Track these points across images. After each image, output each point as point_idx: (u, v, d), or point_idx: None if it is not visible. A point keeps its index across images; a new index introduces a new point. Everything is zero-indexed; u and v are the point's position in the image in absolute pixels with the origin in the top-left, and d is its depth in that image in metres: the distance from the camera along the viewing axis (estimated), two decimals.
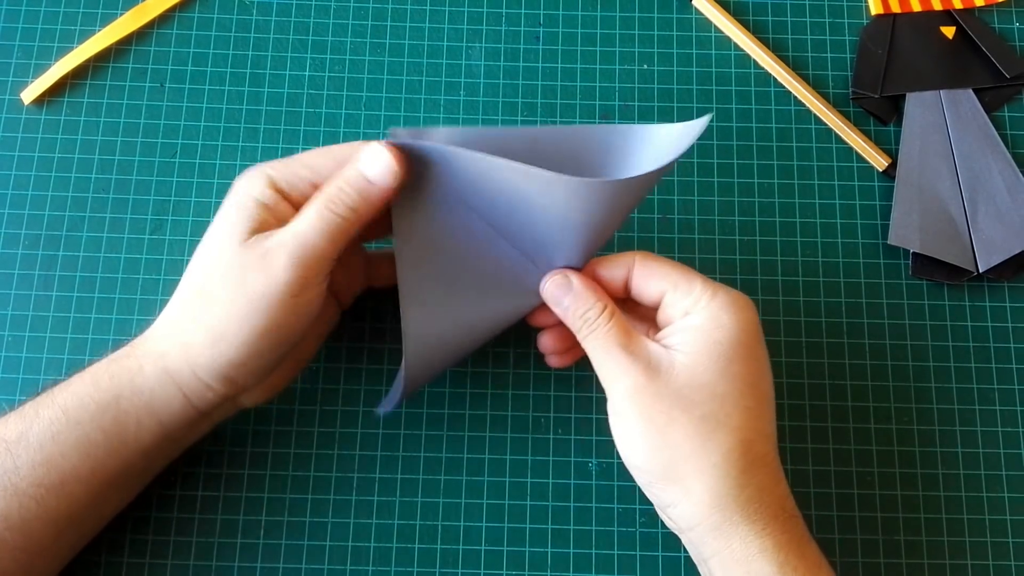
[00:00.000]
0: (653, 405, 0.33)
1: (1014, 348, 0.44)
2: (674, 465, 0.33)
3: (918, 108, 0.47)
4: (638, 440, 0.34)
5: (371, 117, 0.47)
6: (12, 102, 0.47)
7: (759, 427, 0.34)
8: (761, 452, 0.34)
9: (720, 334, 0.34)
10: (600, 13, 0.49)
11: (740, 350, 0.34)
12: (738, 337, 0.34)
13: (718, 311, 0.34)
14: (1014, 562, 0.41)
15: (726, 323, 0.34)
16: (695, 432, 0.33)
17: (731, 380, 0.34)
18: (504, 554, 0.41)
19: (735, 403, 0.33)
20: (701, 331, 0.34)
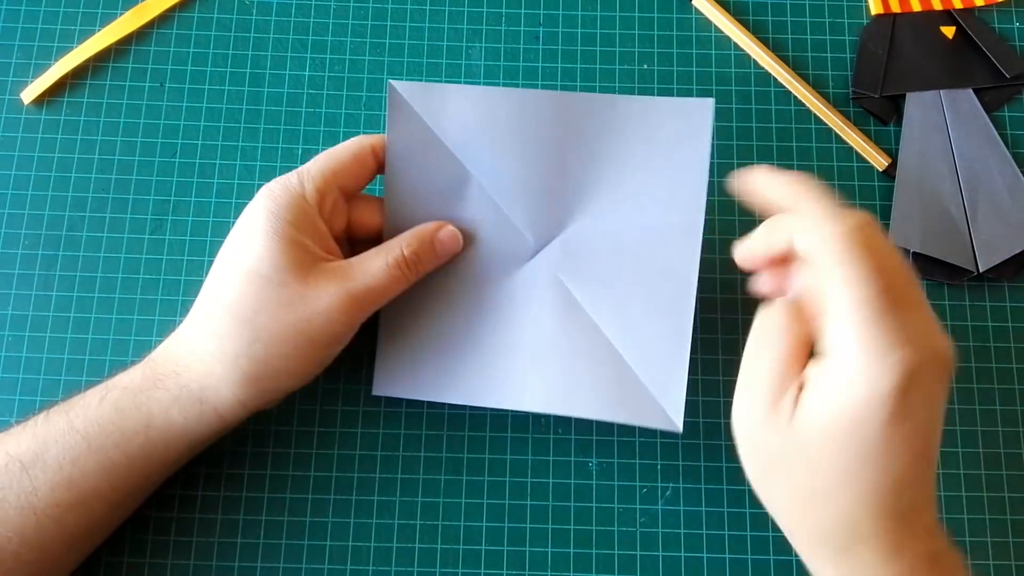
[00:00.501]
0: (767, 447, 0.31)
1: (1014, 348, 0.44)
2: (793, 512, 0.32)
3: (918, 108, 0.47)
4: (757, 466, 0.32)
5: (371, 117, 0.47)
6: (12, 102, 0.47)
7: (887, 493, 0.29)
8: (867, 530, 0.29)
9: (852, 409, 0.28)
10: (600, 13, 0.49)
11: (884, 419, 0.28)
12: (874, 413, 0.28)
13: (855, 371, 0.28)
14: (1014, 562, 0.41)
15: (861, 392, 0.28)
16: (814, 488, 0.30)
17: (864, 446, 0.29)
18: (504, 554, 0.41)
19: (861, 467, 0.29)
20: (833, 404, 0.29)
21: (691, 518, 0.42)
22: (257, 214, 0.37)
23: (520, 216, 0.41)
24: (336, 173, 0.38)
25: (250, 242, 0.36)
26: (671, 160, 0.39)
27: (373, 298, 0.37)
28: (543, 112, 0.39)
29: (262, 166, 0.46)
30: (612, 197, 0.40)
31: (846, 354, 0.29)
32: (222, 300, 0.36)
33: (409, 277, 0.39)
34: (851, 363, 0.29)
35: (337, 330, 0.37)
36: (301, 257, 0.36)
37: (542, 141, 0.40)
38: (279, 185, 0.38)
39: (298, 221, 0.36)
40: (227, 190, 0.46)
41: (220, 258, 0.37)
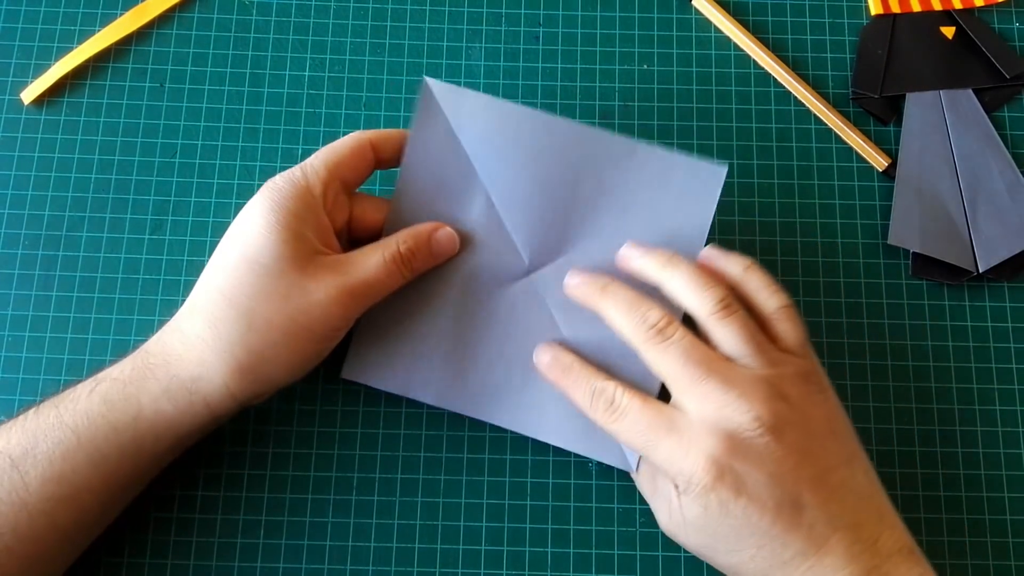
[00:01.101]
0: (685, 545, 0.37)
1: (1014, 348, 0.44)
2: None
3: (918, 108, 0.47)
4: (691, 552, 0.37)
5: (371, 117, 0.47)
6: (12, 102, 0.47)
7: (772, 559, 0.34)
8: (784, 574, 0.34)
9: (697, 513, 0.35)
10: (600, 13, 0.49)
11: (720, 521, 0.34)
12: (712, 514, 0.34)
13: (686, 495, 0.35)
14: (1014, 562, 0.41)
15: (696, 506, 0.34)
16: (730, 563, 0.35)
17: (726, 542, 0.35)
18: (504, 554, 0.41)
19: (739, 556, 0.35)
20: (686, 510, 0.35)
21: None
22: (260, 205, 0.37)
23: (520, 235, 0.41)
24: (338, 166, 0.39)
25: (251, 232, 0.36)
26: (675, 216, 0.40)
27: (369, 292, 0.38)
28: (565, 141, 0.40)
29: (262, 166, 0.46)
30: (612, 238, 0.40)
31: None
32: (220, 287, 0.36)
33: (404, 274, 0.39)
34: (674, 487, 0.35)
35: (333, 323, 0.37)
36: (301, 249, 0.36)
37: (557, 168, 0.41)
38: (283, 178, 0.38)
39: (301, 213, 0.37)
40: (227, 190, 0.46)
41: (220, 247, 0.37)
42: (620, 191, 0.41)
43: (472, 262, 0.41)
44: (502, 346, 0.41)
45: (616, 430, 0.37)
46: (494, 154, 0.41)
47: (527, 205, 0.41)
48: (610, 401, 0.37)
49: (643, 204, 0.41)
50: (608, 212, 0.41)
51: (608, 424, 0.37)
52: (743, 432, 0.34)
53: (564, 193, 0.41)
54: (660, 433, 0.35)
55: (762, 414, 0.34)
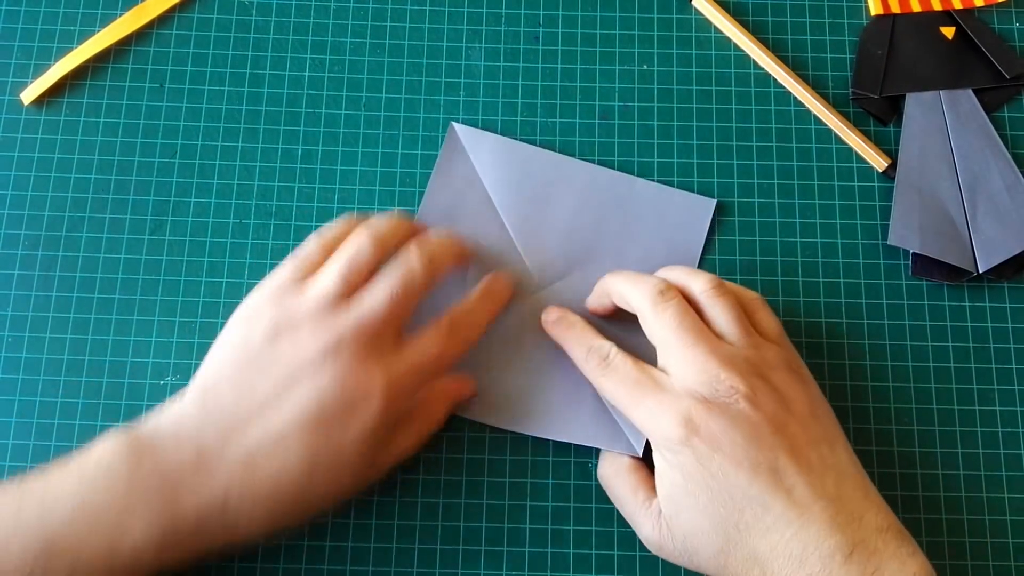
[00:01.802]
0: (672, 560, 0.37)
1: (1014, 348, 0.44)
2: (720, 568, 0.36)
3: (918, 108, 0.47)
4: (678, 559, 0.37)
5: (371, 117, 0.47)
6: (12, 102, 0.47)
7: (753, 524, 0.34)
8: (768, 544, 0.34)
9: (676, 478, 0.35)
10: (600, 13, 0.49)
11: (697, 482, 0.35)
12: (689, 473, 0.35)
13: (664, 459, 0.36)
14: (1014, 563, 0.41)
15: (674, 467, 0.35)
16: (716, 569, 0.35)
17: (708, 513, 0.35)
18: (504, 554, 0.41)
19: (723, 527, 0.34)
20: (664, 479, 0.36)
21: None
22: (377, 411, 0.36)
23: (532, 258, 0.45)
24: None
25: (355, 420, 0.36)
26: (670, 243, 0.45)
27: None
28: (572, 177, 0.46)
29: (262, 166, 0.46)
30: (614, 262, 0.44)
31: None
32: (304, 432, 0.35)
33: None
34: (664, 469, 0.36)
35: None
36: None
37: (565, 200, 0.45)
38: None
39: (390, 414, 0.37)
40: (227, 190, 0.46)
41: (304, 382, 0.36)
42: (620, 220, 0.45)
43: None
44: (512, 355, 0.43)
45: (604, 384, 0.38)
46: (509, 188, 0.45)
47: (538, 232, 0.45)
48: (603, 356, 0.39)
49: (640, 232, 0.45)
50: (610, 239, 0.45)
51: (598, 377, 0.39)
52: (719, 397, 0.35)
53: (571, 222, 0.45)
54: (644, 390, 0.37)
55: (740, 385, 0.35)
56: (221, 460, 0.34)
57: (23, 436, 0.43)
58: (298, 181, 0.46)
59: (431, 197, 0.45)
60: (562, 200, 0.45)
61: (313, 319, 0.36)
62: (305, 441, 0.35)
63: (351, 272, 0.38)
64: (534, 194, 0.45)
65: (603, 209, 0.45)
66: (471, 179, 0.46)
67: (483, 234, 0.45)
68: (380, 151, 0.47)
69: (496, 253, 0.45)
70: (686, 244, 0.45)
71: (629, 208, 0.45)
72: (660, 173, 0.46)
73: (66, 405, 0.43)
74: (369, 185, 0.46)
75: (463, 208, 0.45)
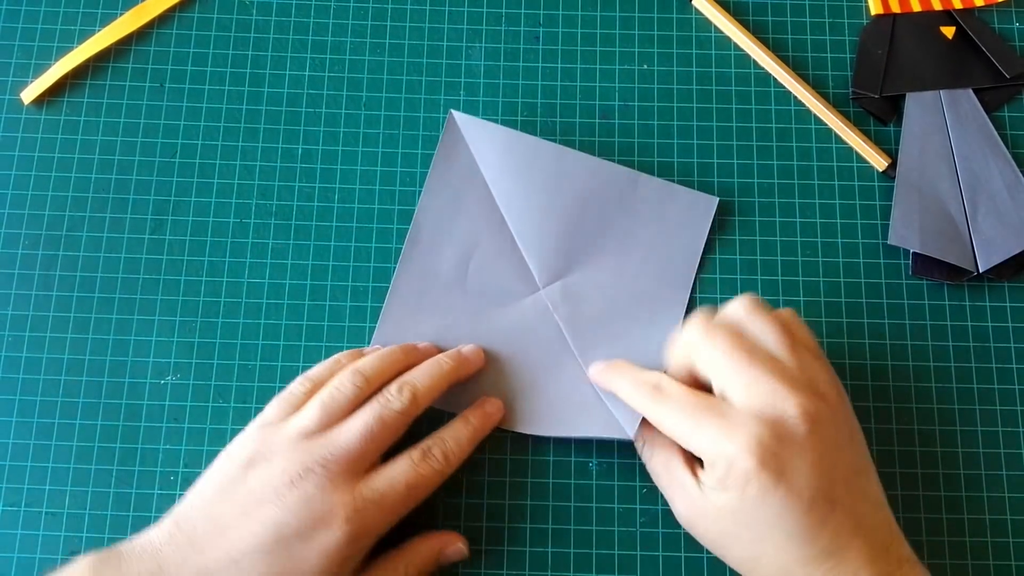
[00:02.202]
0: (700, 536, 0.37)
1: (1014, 348, 0.44)
2: (746, 571, 0.36)
3: (918, 108, 0.47)
4: (706, 544, 0.37)
5: (371, 117, 0.47)
6: (12, 102, 0.47)
7: (797, 553, 0.34)
8: (805, 572, 0.34)
9: (731, 499, 0.34)
10: (600, 13, 0.49)
11: (753, 509, 0.34)
12: (748, 500, 0.34)
13: (723, 482, 0.34)
14: (1014, 562, 0.41)
15: (732, 491, 0.34)
16: (742, 566, 0.36)
17: (753, 531, 0.34)
18: (504, 554, 0.41)
19: (763, 546, 0.34)
20: (717, 494, 0.35)
21: None
22: (340, 537, 0.36)
23: (531, 254, 0.44)
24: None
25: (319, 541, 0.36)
26: (672, 239, 0.45)
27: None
28: (574, 170, 0.45)
29: (262, 166, 0.46)
30: (615, 258, 0.44)
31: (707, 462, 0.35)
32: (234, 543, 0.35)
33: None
34: (707, 471, 0.35)
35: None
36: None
37: (567, 194, 0.44)
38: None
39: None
40: (227, 190, 0.46)
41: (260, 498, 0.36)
42: (622, 216, 0.45)
43: (487, 278, 0.44)
44: (512, 354, 0.43)
45: (659, 412, 0.37)
46: (510, 180, 0.45)
47: (538, 227, 0.44)
48: (655, 385, 0.37)
49: (643, 228, 0.45)
50: (611, 235, 0.44)
51: (651, 407, 0.37)
52: (788, 420, 0.34)
53: (572, 217, 0.44)
54: (704, 416, 0.35)
55: (807, 407, 0.34)
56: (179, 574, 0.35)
57: (23, 436, 0.43)
58: (298, 181, 0.46)
59: (430, 194, 0.45)
60: (563, 194, 0.44)
61: (287, 449, 0.37)
62: (263, 563, 0.35)
63: (331, 407, 0.38)
64: (535, 187, 0.44)
65: (605, 204, 0.45)
66: (471, 171, 0.45)
67: (483, 231, 0.45)
68: (380, 151, 0.47)
69: (495, 251, 0.44)
70: (688, 241, 0.45)
71: (631, 204, 0.45)
72: (660, 172, 0.46)
73: (66, 404, 0.43)
74: (369, 185, 0.46)
75: (462, 203, 0.45)
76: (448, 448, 0.39)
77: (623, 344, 0.43)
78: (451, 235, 0.45)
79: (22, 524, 0.41)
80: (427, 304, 0.44)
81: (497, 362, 0.43)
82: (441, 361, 0.41)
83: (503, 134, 0.45)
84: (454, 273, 0.44)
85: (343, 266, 0.45)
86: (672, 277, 0.44)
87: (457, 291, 0.44)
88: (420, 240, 0.44)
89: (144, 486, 0.42)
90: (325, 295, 0.45)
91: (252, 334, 0.44)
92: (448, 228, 0.45)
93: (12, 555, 0.41)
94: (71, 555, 0.41)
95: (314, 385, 0.40)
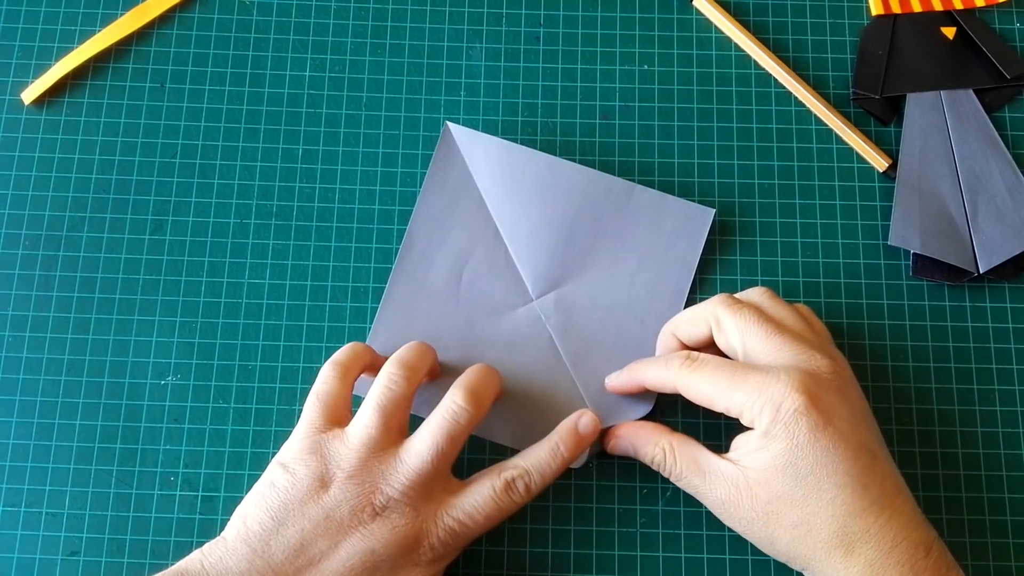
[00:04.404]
0: (744, 520, 0.36)
1: (1014, 348, 0.44)
2: (790, 558, 0.36)
3: (918, 108, 0.47)
4: (747, 538, 0.37)
5: (371, 117, 0.47)
6: (12, 102, 0.47)
7: (851, 503, 0.34)
8: (862, 524, 0.34)
9: (780, 448, 0.34)
10: (600, 13, 0.49)
11: (804, 453, 0.34)
12: (799, 444, 0.34)
13: (769, 432, 0.35)
14: (1014, 563, 0.41)
15: (781, 438, 0.34)
16: (793, 537, 0.35)
17: (805, 484, 0.34)
18: (504, 554, 0.41)
19: (818, 499, 0.34)
20: (762, 452, 0.35)
21: (691, 519, 0.42)
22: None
23: (525, 265, 0.44)
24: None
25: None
26: (667, 252, 0.44)
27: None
28: (568, 181, 0.45)
29: (262, 166, 0.46)
30: (609, 270, 0.44)
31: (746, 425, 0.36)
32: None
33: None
34: (768, 432, 0.35)
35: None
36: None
37: (560, 205, 0.44)
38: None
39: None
40: (227, 190, 0.46)
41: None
42: (617, 227, 0.44)
43: (480, 289, 0.44)
44: (504, 365, 0.43)
45: (694, 377, 0.37)
46: (504, 191, 0.45)
47: (532, 238, 0.44)
48: (686, 355, 0.38)
49: (637, 240, 0.44)
50: (605, 246, 0.44)
51: (687, 373, 0.37)
52: (822, 373, 0.35)
53: (566, 228, 0.44)
54: (743, 372, 0.36)
55: (836, 367, 0.36)
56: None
57: (24, 436, 0.43)
58: (299, 181, 0.46)
59: (424, 204, 0.45)
60: (557, 205, 0.44)
61: (359, 468, 0.36)
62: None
63: (389, 408, 0.37)
64: (529, 199, 0.44)
65: (599, 216, 0.44)
66: (465, 183, 0.45)
67: (477, 242, 0.44)
68: (380, 151, 0.47)
69: (489, 261, 0.44)
70: (683, 253, 0.44)
71: (626, 215, 0.45)
72: (660, 173, 0.46)
73: (67, 405, 0.43)
74: (369, 185, 0.46)
75: (457, 214, 0.45)
76: (532, 482, 0.38)
77: (616, 355, 0.43)
78: (445, 245, 0.44)
79: (22, 524, 0.41)
80: (420, 313, 0.44)
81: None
82: (490, 368, 0.40)
83: (498, 145, 0.45)
84: (447, 283, 0.44)
85: (343, 267, 0.45)
86: (666, 289, 0.44)
87: (450, 301, 0.44)
88: (414, 249, 0.44)
89: (144, 487, 0.42)
90: (325, 296, 0.45)
91: (252, 335, 0.44)
92: (442, 238, 0.45)
93: (12, 555, 0.41)
94: (71, 555, 0.41)
95: (342, 369, 0.39)
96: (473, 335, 0.43)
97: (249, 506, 0.36)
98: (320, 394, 0.38)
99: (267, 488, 0.36)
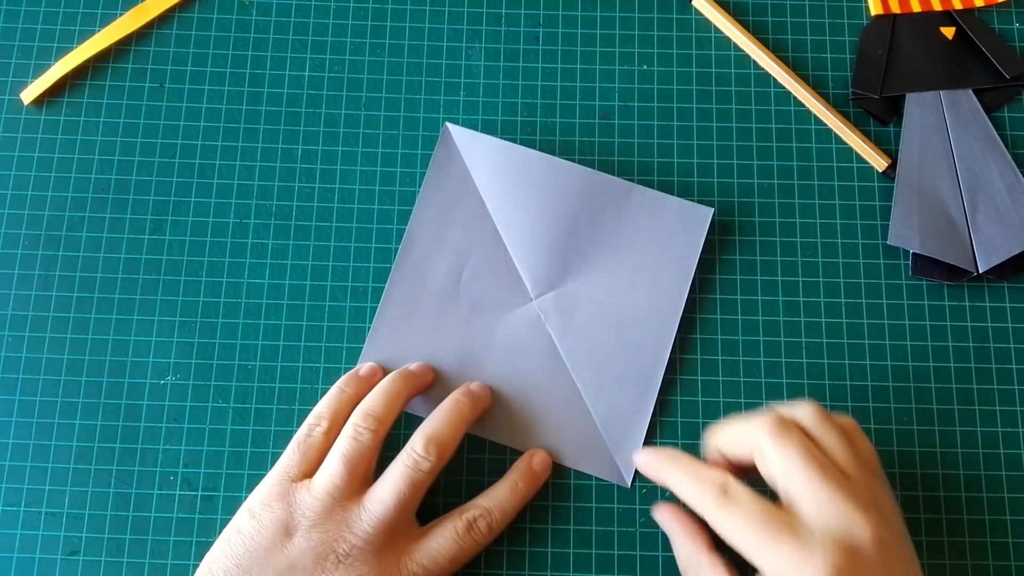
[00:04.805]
0: None
1: (1014, 348, 0.44)
2: None
3: (918, 108, 0.47)
4: None
5: (371, 117, 0.47)
6: (12, 102, 0.47)
7: None
8: None
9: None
10: (600, 13, 0.49)
11: None
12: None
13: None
14: (1014, 562, 0.41)
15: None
16: None
17: None
18: (504, 554, 0.41)
19: None
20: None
21: None
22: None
23: (524, 265, 0.44)
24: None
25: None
26: (666, 251, 0.44)
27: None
28: (567, 181, 0.44)
29: (262, 166, 0.46)
30: (608, 270, 0.44)
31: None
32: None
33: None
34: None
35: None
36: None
37: (560, 206, 0.44)
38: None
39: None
40: (226, 190, 0.46)
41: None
42: (616, 227, 0.44)
43: (479, 288, 0.44)
44: (503, 367, 0.43)
45: (726, 521, 0.35)
46: (503, 192, 0.45)
47: (531, 239, 0.44)
48: (721, 487, 0.35)
49: (637, 240, 0.44)
50: (605, 246, 0.44)
51: (717, 513, 0.35)
52: (863, 548, 0.33)
53: (565, 228, 0.44)
54: (777, 532, 0.33)
55: (880, 533, 0.33)
56: None
57: (23, 436, 0.43)
58: (298, 181, 0.46)
59: (424, 204, 0.45)
60: (556, 205, 0.44)
61: (322, 517, 0.37)
62: None
63: (354, 459, 0.38)
64: (528, 199, 0.44)
65: (598, 216, 0.44)
66: (465, 183, 0.45)
67: (476, 242, 0.45)
68: (380, 151, 0.47)
69: (488, 261, 0.44)
70: (682, 252, 0.44)
71: (625, 215, 0.44)
72: (660, 173, 0.46)
73: (66, 405, 0.43)
74: (369, 185, 0.46)
75: (456, 214, 0.45)
76: (494, 520, 0.39)
77: (618, 357, 0.43)
78: (444, 245, 0.44)
79: (22, 524, 0.41)
80: (419, 314, 0.44)
81: (489, 374, 0.43)
82: (459, 402, 0.41)
83: (497, 146, 0.45)
84: (446, 283, 0.44)
85: (343, 266, 0.45)
86: (665, 288, 0.44)
87: (449, 301, 0.44)
88: (413, 250, 0.44)
89: (144, 486, 0.42)
90: (325, 295, 0.45)
91: (252, 334, 0.44)
92: (441, 238, 0.45)
93: (12, 555, 0.41)
94: (71, 555, 0.41)
95: (329, 423, 0.39)
96: (472, 335, 0.43)
97: (216, 553, 0.37)
98: (301, 444, 0.39)
99: (234, 534, 0.37)
